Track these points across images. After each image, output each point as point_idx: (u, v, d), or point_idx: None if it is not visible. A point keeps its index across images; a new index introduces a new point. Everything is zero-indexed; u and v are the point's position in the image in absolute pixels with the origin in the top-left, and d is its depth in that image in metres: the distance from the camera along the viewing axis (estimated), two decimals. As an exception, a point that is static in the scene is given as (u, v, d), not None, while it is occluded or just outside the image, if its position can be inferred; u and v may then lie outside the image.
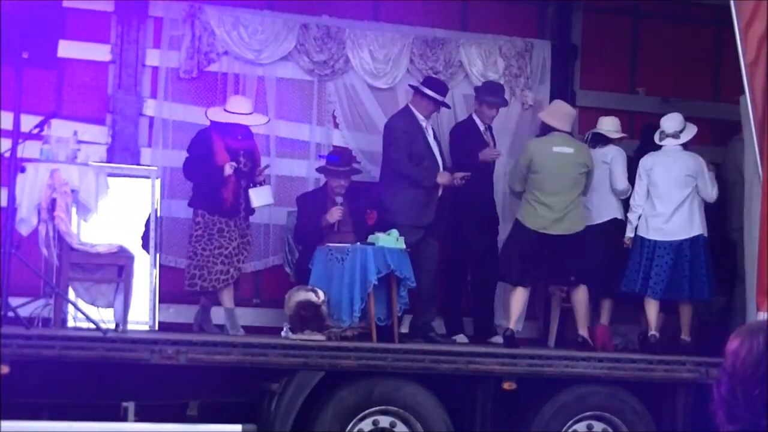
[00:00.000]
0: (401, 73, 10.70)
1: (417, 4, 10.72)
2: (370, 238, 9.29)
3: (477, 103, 10.24)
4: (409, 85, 10.26)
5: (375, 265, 9.01)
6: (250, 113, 9.59)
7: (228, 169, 9.26)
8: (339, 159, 9.90)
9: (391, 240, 9.22)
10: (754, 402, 2.40)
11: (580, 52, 11.35)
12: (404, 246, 9.26)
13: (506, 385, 8.27)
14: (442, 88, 9.98)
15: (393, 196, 9.71)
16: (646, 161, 9.68)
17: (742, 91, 8.18)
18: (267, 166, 9.73)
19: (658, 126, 9.83)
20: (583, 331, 9.53)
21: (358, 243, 9.25)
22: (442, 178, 9.74)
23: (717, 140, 11.06)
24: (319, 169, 9.99)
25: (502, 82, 10.82)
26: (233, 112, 9.47)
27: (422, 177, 9.71)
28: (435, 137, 9.98)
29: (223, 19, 10.23)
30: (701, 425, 8.33)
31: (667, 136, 9.66)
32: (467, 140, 10.12)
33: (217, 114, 9.55)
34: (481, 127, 10.20)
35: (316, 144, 10.50)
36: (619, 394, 8.52)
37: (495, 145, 10.31)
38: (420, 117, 9.84)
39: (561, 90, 11.19)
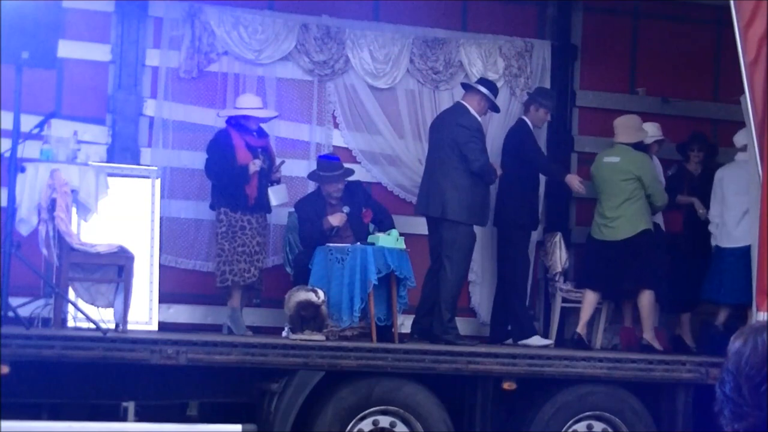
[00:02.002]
0: (401, 73, 10.70)
1: (417, 4, 10.72)
2: (370, 238, 9.30)
3: (534, 107, 10.27)
4: (462, 84, 10.26)
5: (375, 265, 9.01)
6: (261, 108, 9.75)
7: (253, 167, 9.37)
8: (337, 159, 9.91)
9: (391, 240, 9.22)
10: (762, 398, 2.41)
11: (580, 52, 11.34)
12: (404, 246, 9.26)
13: (506, 385, 8.26)
14: (494, 88, 10.03)
15: (461, 197, 9.62)
16: (717, 174, 10.13)
17: (742, 91, 8.18)
18: (282, 162, 9.79)
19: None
20: (647, 335, 9.78)
21: (358, 243, 9.25)
22: (499, 170, 9.96)
23: (717, 140, 11.06)
24: (312, 177, 9.97)
25: (501, 82, 10.84)
26: (244, 108, 9.59)
27: (493, 175, 9.77)
28: None
29: (223, 19, 10.23)
30: (701, 425, 8.34)
31: (738, 150, 10.03)
32: (522, 143, 10.17)
33: (228, 111, 9.72)
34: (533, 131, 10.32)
35: (316, 144, 10.50)
36: (619, 394, 8.52)
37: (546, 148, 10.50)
38: (477, 116, 9.85)
39: (561, 90, 11.19)
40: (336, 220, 9.57)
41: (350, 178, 9.92)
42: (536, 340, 9.92)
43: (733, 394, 2.46)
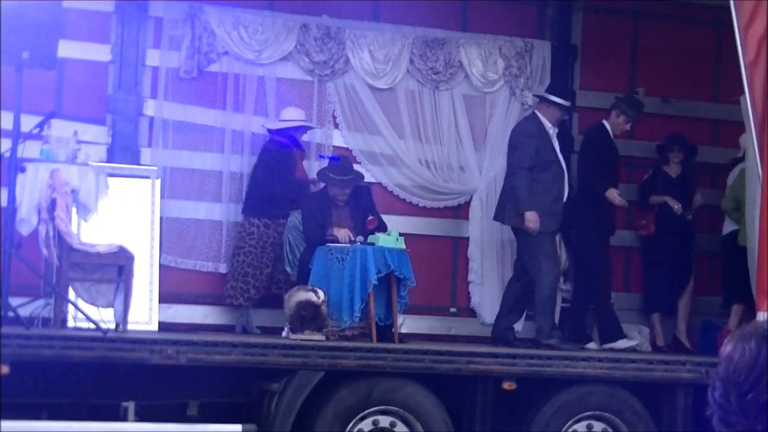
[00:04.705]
0: (401, 73, 10.69)
1: (417, 4, 10.72)
2: (370, 238, 9.29)
3: (616, 113, 10.29)
4: (534, 95, 10.36)
5: (375, 265, 9.01)
6: (304, 120, 10.08)
7: (314, 187, 9.86)
8: (340, 159, 9.91)
9: (391, 240, 9.22)
10: (748, 406, 2.38)
11: (580, 52, 11.33)
12: (404, 246, 9.26)
13: (506, 385, 8.27)
14: (567, 93, 10.09)
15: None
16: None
17: (742, 91, 8.18)
18: None
19: None
20: None
21: (359, 243, 9.25)
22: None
23: (717, 140, 11.07)
24: (321, 177, 9.95)
25: (501, 82, 10.85)
26: (290, 120, 9.91)
27: (538, 189, 9.79)
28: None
29: (223, 19, 10.23)
30: (701, 425, 8.33)
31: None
32: (600, 147, 10.23)
33: (277, 123, 9.96)
34: (612, 135, 10.32)
35: (316, 144, 10.50)
36: (619, 394, 8.53)
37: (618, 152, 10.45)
38: (547, 124, 9.90)
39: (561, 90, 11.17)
40: (340, 234, 9.50)
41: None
42: (623, 343, 9.90)
43: (721, 400, 2.43)
